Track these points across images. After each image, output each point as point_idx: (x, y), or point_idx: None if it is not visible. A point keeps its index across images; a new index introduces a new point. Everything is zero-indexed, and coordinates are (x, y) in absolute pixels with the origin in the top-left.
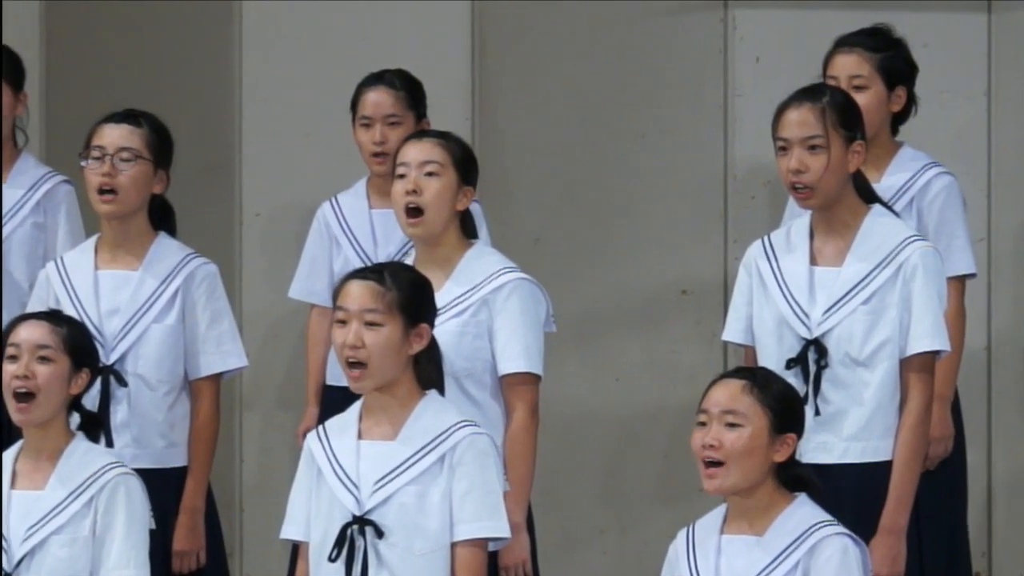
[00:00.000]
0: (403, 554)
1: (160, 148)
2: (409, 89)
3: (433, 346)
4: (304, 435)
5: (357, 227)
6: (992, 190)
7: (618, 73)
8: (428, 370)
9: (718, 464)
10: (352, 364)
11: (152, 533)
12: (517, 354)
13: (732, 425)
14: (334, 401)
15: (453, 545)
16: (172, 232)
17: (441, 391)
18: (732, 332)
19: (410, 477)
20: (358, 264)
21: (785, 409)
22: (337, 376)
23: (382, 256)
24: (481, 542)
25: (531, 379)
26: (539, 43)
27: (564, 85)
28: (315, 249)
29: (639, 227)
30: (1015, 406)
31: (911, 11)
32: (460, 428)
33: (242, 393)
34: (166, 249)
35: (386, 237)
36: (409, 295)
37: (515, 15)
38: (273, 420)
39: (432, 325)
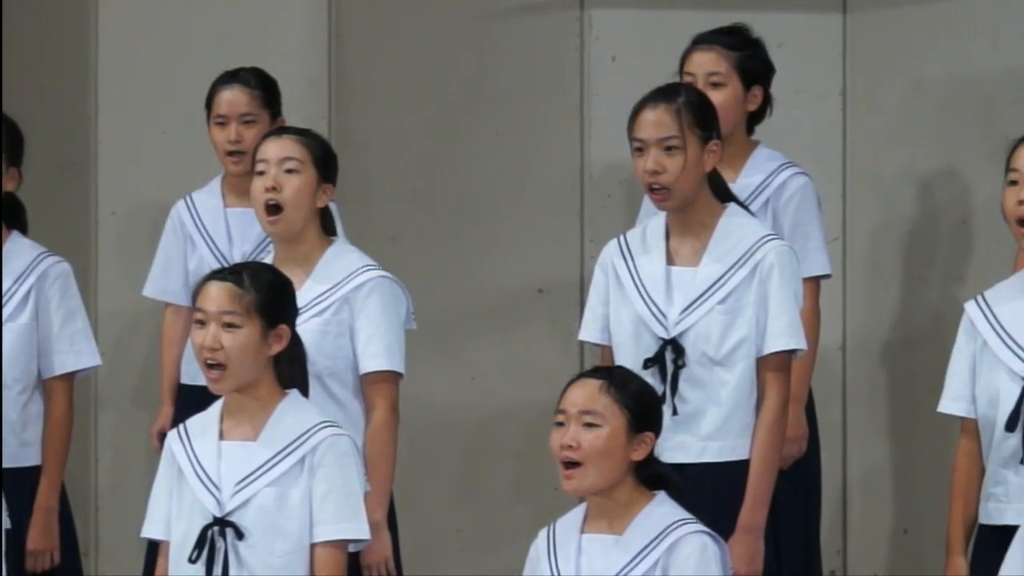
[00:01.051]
0: (263, 555)
1: (11, 145)
2: (264, 87)
3: (296, 346)
4: (158, 435)
5: (212, 226)
6: (847, 190)
7: (475, 72)
8: (290, 370)
9: (576, 464)
10: (211, 366)
11: (7, 532)
12: (378, 352)
13: (590, 425)
14: (190, 400)
15: (313, 546)
16: (24, 230)
17: (305, 391)
18: (589, 332)
19: (270, 479)
20: (213, 263)
21: (643, 408)
22: (193, 375)
23: (237, 255)
24: (341, 543)
25: (392, 377)
26: (396, 42)
27: (421, 84)
28: (169, 248)
29: (496, 226)
30: (869, 405)
31: (767, 11)
32: (321, 429)
33: (97, 392)
34: (18, 248)
35: (241, 236)
36: (268, 296)
37: (372, 14)
38: (128, 419)
39: (292, 326)
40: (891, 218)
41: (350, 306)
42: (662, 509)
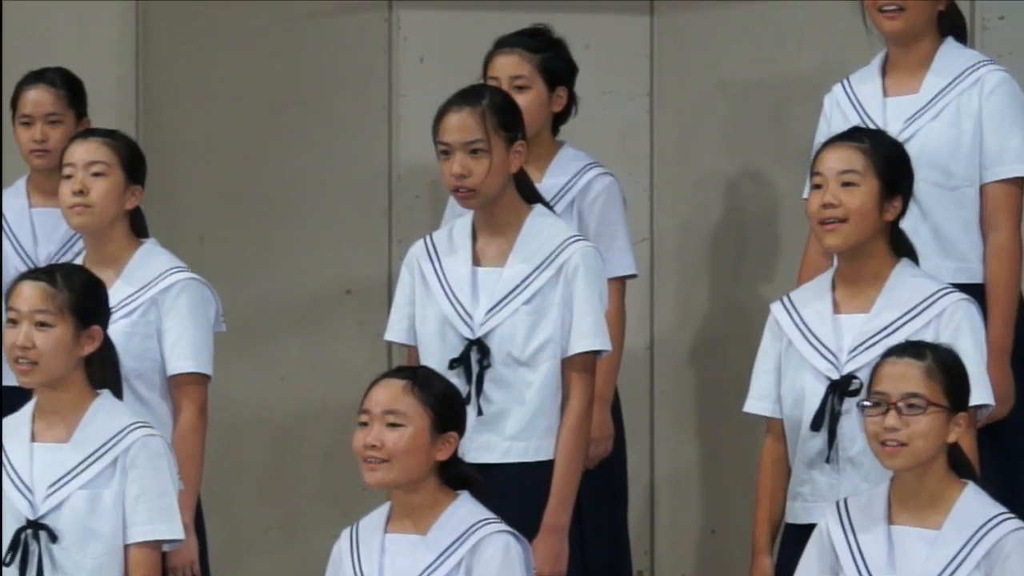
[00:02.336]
0: (77, 558)
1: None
2: (70, 88)
3: (108, 347)
4: None
5: (17, 225)
6: (654, 191)
7: (283, 72)
8: (102, 371)
9: (381, 462)
10: (21, 363)
11: None
12: (186, 354)
13: (394, 425)
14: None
15: (127, 547)
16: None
17: (118, 392)
18: (395, 332)
19: (83, 481)
20: (17, 262)
21: (446, 408)
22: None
23: (42, 255)
24: (155, 544)
25: (200, 379)
26: (204, 43)
27: (229, 84)
28: None
29: (304, 226)
30: (676, 406)
31: (574, 12)
32: (133, 430)
33: None
34: None
35: (46, 236)
36: (81, 297)
37: (180, 14)
38: None
39: (105, 327)
40: (698, 218)
41: (158, 308)
42: (465, 509)
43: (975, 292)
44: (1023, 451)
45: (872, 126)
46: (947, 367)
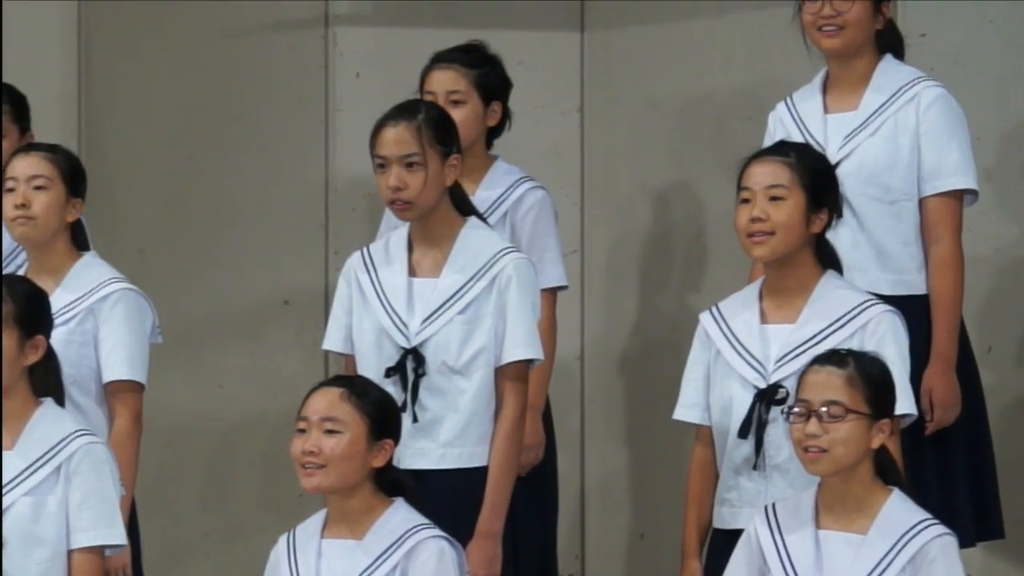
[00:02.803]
0: (21, 563)
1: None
2: (13, 103)
3: (51, 356)
4: None
5: None
6: (585, 204)
7: (223, 87)
8: (45, 380)
9: (319, 467)
10: None
11: None
12: (120, 362)
13: (331, 432)
14: None
15: (70, 553)
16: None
17: (60, 400)
18: (332, 341)
19: (27, 488)
20: None
21: (382, 416)
22: None
23: None
24: (98, 549)
25: (134, 387)
26: (145, 58)
27: (170, 99)
28: None
29: (242, 238)
30: (606, 413)
31: (508, 29)
32: (77, 437)
33: None
34: None
35: None
36: (25, 307)
37: (121, 30)
38: None
39: (48, 336)
40: (628, 231)
41: (95, 317)
42: (400, 514)
43: (914, 304)
44: (968, 456)
45: (814, 143)
46: (869, 375)
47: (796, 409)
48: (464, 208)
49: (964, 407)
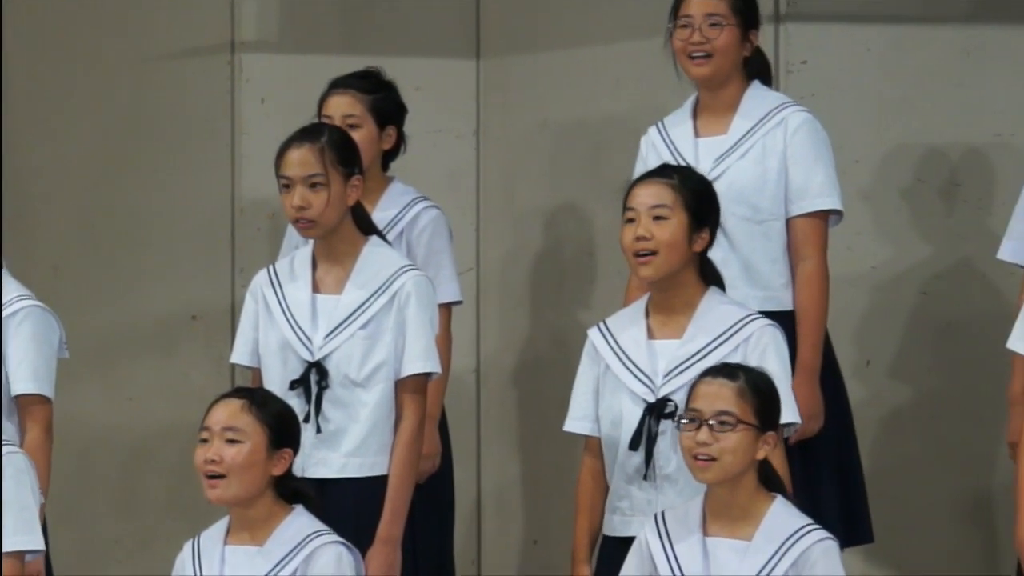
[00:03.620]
0: None
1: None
2: None
3: None
4: None
5: None
6: (480, 223)
7: (134, 111)
8: None
9: (220, 476)
10: None
11: None
12: (28, 376)
13: (232, 441)
14: None
15: None
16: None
17: None
18: (239, 355)
19: None
20: None
21: (282, 426)
22: None
23: None
24: (18, 555)
25: (42, 400)
26: (59, 80)
27: (84, 120)
28: None
29: (153, 256)
30: (501, 425)
31: (405, 56)
32: None
33: None
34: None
35: None
36: None
37: (36, 52)
38: None
39: None
40: (521, 249)
41: (3, 333)
42: (300, 521)
43: (781, 319)
44: (832, 465)
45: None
46: (758, 389)
47: (687, 418)
48: (366, 227)
49: (831, 418)
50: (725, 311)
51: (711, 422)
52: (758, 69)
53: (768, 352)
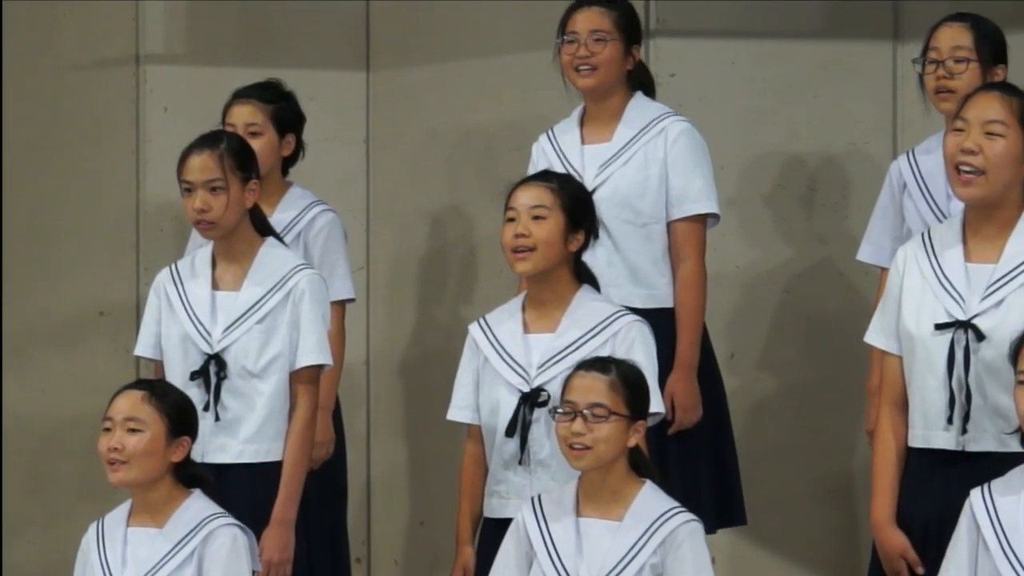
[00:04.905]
0: None
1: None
2: None
3: None
4: None
5: None
6: (370, 225)
7: (45, 118)
8: None
9: (122, 463)
10: None
11: None
12: None
13: (133, 430)
14: None
15: None
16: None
17: None
18: (143, 348)
19: None
20: None
21: (180, 416)
22: None
23: None
24: None
25: None
26: None
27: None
28: None
29: (62, 256)
30: (389, 413)
31: (301, 68)
32: None
33: None
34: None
35: None
36: None
37: None
38: None
39: None
40: (408, 250)
41: None
42: (197, 505)
43: (663, 316)
44: (708, 451)
45: (572, 171)
46: (629, 381)
47: (563, 410)
48: (263, 229)
49: (707, 409)
50: (596, 307)
51: (585, 413)
52: (641, 81)
53: (635, 346)
